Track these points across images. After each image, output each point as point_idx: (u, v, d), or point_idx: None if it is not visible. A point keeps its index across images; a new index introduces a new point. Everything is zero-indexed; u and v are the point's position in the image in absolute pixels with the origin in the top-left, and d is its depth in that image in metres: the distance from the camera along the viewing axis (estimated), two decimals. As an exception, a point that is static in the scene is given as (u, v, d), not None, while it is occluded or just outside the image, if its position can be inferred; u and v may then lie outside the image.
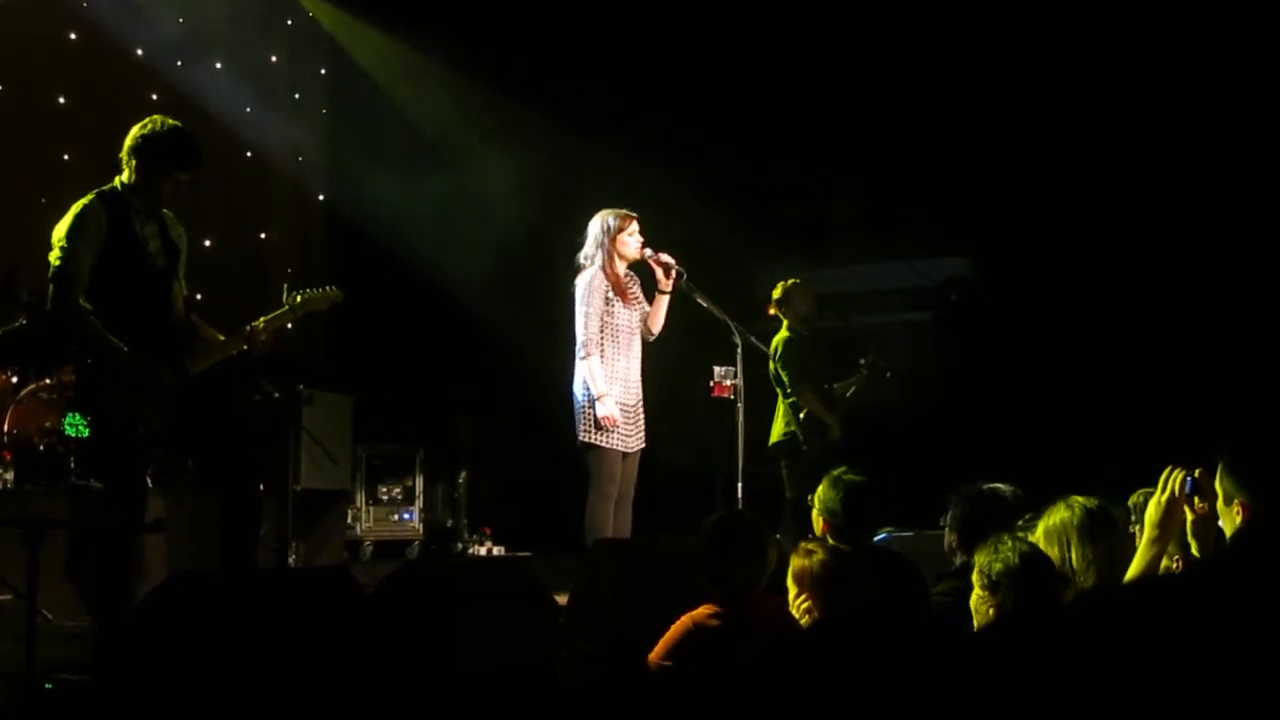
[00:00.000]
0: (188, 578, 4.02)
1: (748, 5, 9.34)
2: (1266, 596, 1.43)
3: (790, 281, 7.91)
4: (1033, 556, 3.20)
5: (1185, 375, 7.80)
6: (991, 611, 3.12)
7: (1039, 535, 3.51)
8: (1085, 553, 3.41)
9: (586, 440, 6.05)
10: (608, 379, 6.08)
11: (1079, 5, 8.45)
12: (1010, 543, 3.19)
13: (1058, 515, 3.51)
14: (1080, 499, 3.53)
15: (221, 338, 5.03)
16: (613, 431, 6.04)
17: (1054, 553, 3.44)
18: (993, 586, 3.14)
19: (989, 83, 8.79)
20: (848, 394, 8.00)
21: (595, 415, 6.01)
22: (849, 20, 9.07)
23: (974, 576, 3.21)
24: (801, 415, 7.69)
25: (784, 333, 7.79)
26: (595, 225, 6.23)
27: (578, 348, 6.12)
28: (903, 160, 9.01)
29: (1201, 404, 7.20)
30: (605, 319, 6.14)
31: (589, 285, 6.13)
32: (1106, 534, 3.45)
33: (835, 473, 4.42)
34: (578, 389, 6.12)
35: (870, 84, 9.10)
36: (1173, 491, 3.15)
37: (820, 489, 4.40)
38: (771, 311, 7.97)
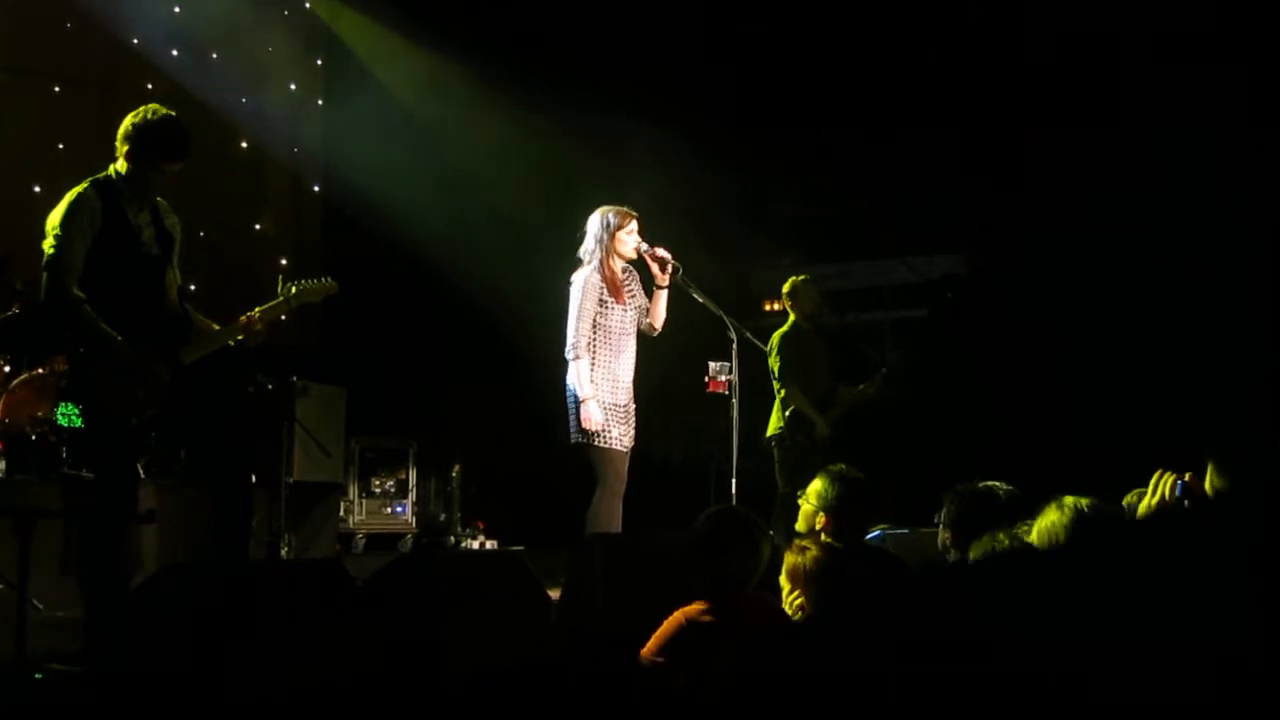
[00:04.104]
0: (179, 569, 4.02)
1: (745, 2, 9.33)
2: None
3: (800, 277, 7.94)
4: (1028, 555, 3.18)
5: (1182, 373, 7.80)
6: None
7: (1033, 536, 3.50)
8: None
9: (584, 441, 6.00)
10: (597, 380, 6.01)
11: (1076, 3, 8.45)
12: (1006, 541, 3.17)
13: (1050, 516, 3.50)
14: (1071, 499, 3.51)
15: (216, 327, 5.01)
16: (607, 432, 5.99)
17: None
18: (988, 585, 3.11)
19: (987, 80, 8.78)
20: (855, 393, 7.94)
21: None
22: (846, 18, 9.06)
23: (969, 575, 3.19)
24: (788, 411, 7.68)
25: (785, 327, 7.80)
26: (595, 221, 6.15)
27: (567, 349, 6.05)
28: (898, 158, 8.99)
29: (1199, 402, 7.20)
30: (598, 320, 6.06)
31: (583, 286, 6.06)
32: None
33: (835, 468, 4.40)
34: (570, 389, 6.08)
35: (867, 82, 9.09)
36: (1163, 495, 3.14)
37: (818, 484, 4.38)
38: (779, 306, 8.00)
